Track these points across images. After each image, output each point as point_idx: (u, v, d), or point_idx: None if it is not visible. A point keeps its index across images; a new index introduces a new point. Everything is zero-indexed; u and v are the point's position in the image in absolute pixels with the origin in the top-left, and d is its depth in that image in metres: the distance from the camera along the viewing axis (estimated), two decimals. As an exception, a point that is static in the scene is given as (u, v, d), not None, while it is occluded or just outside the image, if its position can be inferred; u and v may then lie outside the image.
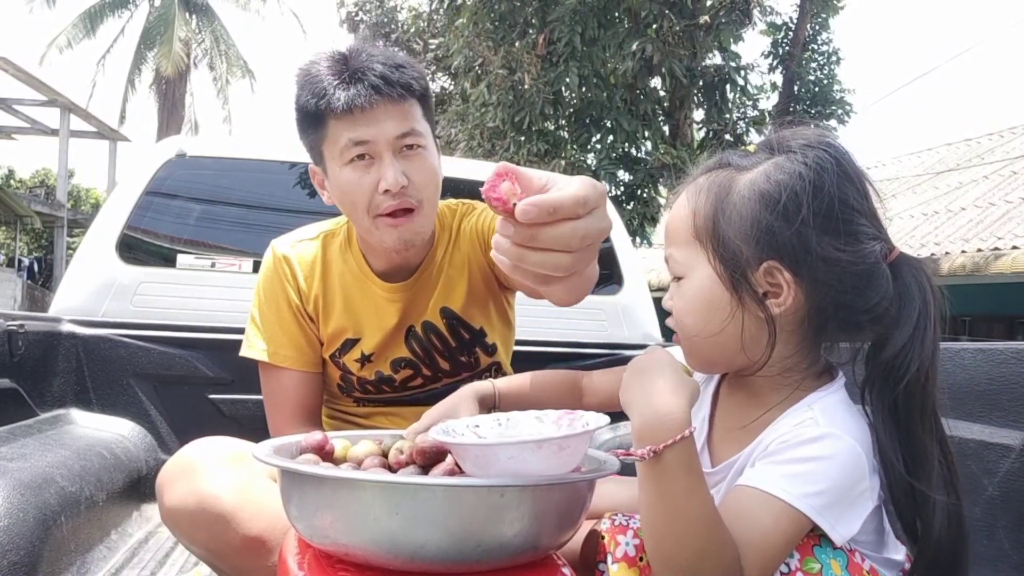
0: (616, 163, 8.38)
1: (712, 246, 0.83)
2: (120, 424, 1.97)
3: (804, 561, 0.77)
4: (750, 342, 0.83)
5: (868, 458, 0.78)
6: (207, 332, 2.11)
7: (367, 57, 1.23)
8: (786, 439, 0.79)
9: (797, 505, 0.75)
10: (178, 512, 1.11)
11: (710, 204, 0.83)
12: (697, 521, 0.72)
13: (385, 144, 1.21)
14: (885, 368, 0.80)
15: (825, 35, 9.71)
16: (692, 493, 0.73)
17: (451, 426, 0.92)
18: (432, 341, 1.41)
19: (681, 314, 0.87)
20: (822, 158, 0.80)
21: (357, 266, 1.38)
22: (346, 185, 1.23)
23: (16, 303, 15.38)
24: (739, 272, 0.81)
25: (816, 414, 0.80)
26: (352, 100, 1.18)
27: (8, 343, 1.70)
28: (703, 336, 0.85)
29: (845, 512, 0.76)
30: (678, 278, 0.88)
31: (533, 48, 8.17)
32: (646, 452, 0.73)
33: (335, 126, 1.22)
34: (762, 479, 0.77)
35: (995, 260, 6.99)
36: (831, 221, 0.79)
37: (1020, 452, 1.08)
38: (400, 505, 0.76)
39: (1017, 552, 1.07)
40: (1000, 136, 11.18)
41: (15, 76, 15.44)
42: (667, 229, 0.91)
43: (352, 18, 12.11)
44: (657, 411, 0.73)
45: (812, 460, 0.76)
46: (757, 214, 0.80)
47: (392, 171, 1.20)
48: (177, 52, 18.37)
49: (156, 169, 2.32)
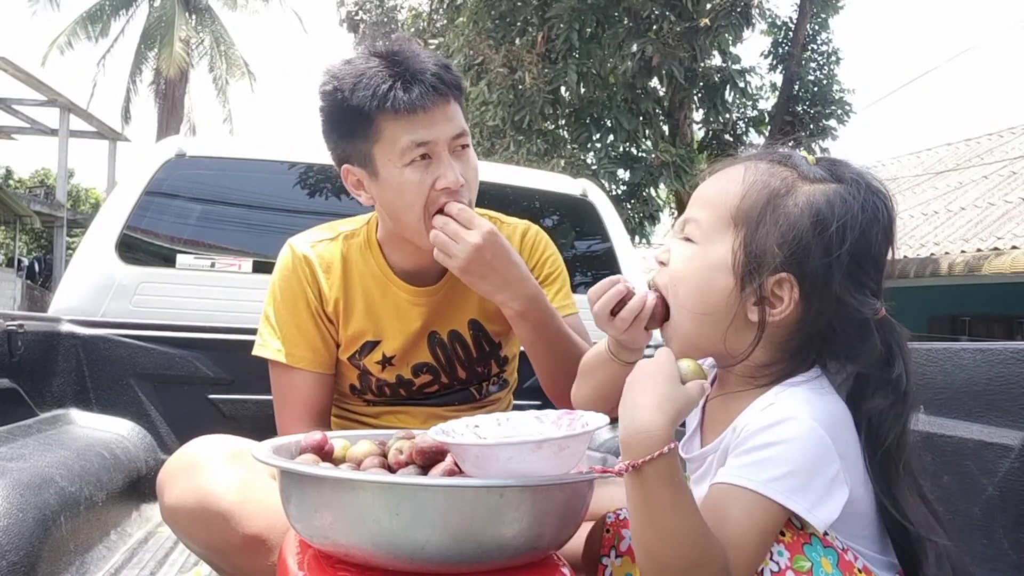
0: (616, 162, 8.38)
1: (745, 233, 0.83)
2: (120, 424, 1.97)
3: (794, 560, 0.77)
4: (733, 336, 0.84)
5: (838, 441, 0.78)
6: (207, 332, 2.11)
7: (420, 57, 1.23)
8: (748, 429, 0.80)
9: (763, 492, 0.75)
10: (178, 510, 1.11)
11: (764, 196, 0.83)
12: (684, 534, 0.72)
13: (443, 144, 1.23)
14: (865, 430, 0.83)
15: (825, 35, 9.71)
16: (676, 506, 0.73)
17: (451, 426, 0.92)
18: (456, 350, 1.41)
19: (679, 280, 0.87)
20: (879, 208, 0.83)
21: (378, 267, 1.37)
22: (407, 185, 1.23)
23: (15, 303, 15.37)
24: (757, 269, 0.82)
25: (776, 400, 0.82)
26: (416, 100, 1.19)
27: (8, 343, 1.70)
28: (689, 309, 0.86)
29: (819, 495, 0.76)
30: (688, 240, 0.88)
31: (533, 47, 8.17)
32: (624, 467, 0.73)
33: (392, 127, 1.21)
34: (729, 472, 0.78)
35: (994, 260, 6.99)
36: (858, 268, 0.82)
37: (1019, 452, 1.08)
38: (400, 505, 0.76)
39: (1016, 551, 1.07)
40: (999, 136, 11.18)
41: (15, 76, 15.44)
42: (705, 191, 0.90)
43: (352, 17, 12.10)
44: (637, 427, 0.74)
45: (771, 445, 0.77)
46: (804, 230, 0.81)
47: (452, 171, 1.23)
48: (178, 53, 18.35)
49: (156, 169, 2.32)
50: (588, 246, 2.84)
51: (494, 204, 1.59)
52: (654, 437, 0.73)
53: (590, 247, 2.83)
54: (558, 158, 8.03)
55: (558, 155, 8.19)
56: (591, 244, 2.81)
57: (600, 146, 8.71)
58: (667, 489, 0.73)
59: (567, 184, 2.80)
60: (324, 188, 2.56)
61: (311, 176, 2.55)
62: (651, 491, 0.73)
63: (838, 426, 0.80)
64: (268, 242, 1.46)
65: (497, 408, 1.50)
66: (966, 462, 1.15)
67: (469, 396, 1.46)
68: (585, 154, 8.69)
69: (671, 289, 0.88)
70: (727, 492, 0.77)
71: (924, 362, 1.27)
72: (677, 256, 0.88)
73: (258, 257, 2.32)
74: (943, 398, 1.22)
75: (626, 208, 8.27)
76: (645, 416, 0.74)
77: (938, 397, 1.23)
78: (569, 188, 2.76)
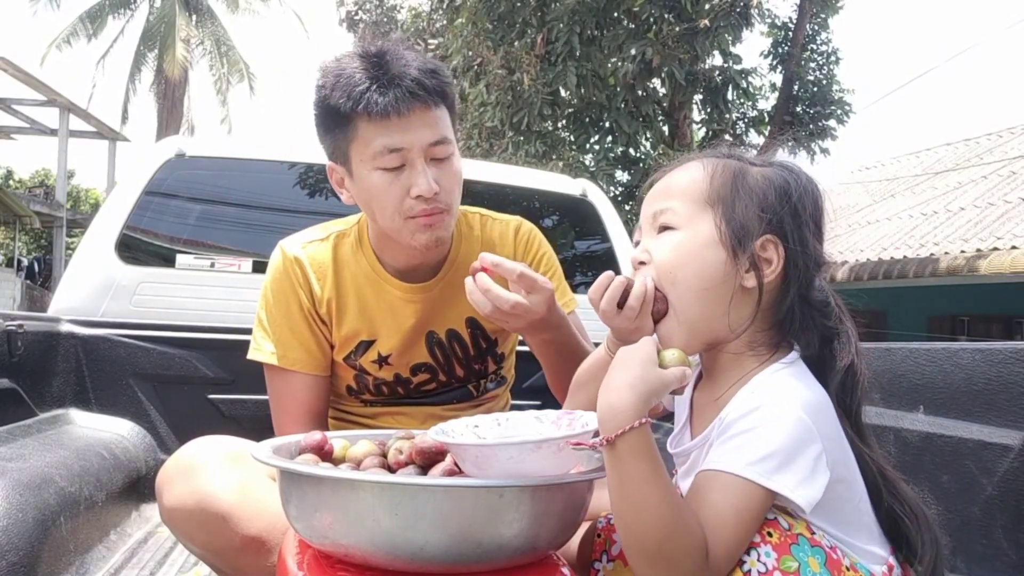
0: (614, 164, 8.38)
1: (723, 209, 0.89)
2: (119, 424, 1.97)
3: (781, 560, 0.77)
4: (734, 310, 0.89)
5: (820, 423, 0.81)
6: (206, 332, 2.11)
7: (403, 60, 1.21)
8: (730, 417, 0.83)
9: (742, 474, 0.77)
10: (177, 512, 1.11)
11: (729, 176, 0.91)
12: (658, 504, 0.75)
13: (418, 151, 1.21)
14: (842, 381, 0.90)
15: (824, 35, 9.71)
16: (648, 479, 0.76)
17: (450, 426, 0.92)
18: (455, 349, 1.41)
19: (674, 265, 0.90)
20: (813, 183, 0.96)
21: (370, 266, 1.37)
22: (375, 189, 1.23)
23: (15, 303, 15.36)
24: (745, 236, 0.88)
25: (757, 387, 0.85)
26: (389, 105, 1.17)
27: (7, 343, 1.70)
28: (692, 288, 0.89)
29: (802, 475, 0.78)
30: (666, 228, 0.92)
31: (532, 48, 8.17)
32: (598, 442, 0.78)
33: (367, 129, 1.20)
34: (710, 460, 0.81)
35: (994, 260, 6.99)
36: (818, 229, 0.93)
37: (1018, 452, 1.08)
38: (399, 505, 0.76)
39: (1015, 551, 1.08)
40: (999, 136, 11.19)
41: (14, 76, 15.43)
42: (669, 184, 0.95)
43: (351, 17, 12.11)
44: (611, 405, 0.78)
45: (750, 430, 0.80)
46: (772, 198, 0.90)
47: (424, 179, 1.20)
48: (180, 54, 18.36)
49: (155, 169, 2.32)
50: (588, 246, 2.84)
51: (493, 204, 1.60)
52: (625, 413, 0.77)
53: (590, 247, 2.83)
54: (556, 159, 8.04)
55: (557, 156, 8.19)
56: (591, 244, 2.82)
57: (598, 147, 8.71)
58: (639, 462, 0.76)
59: (567, 184, 2.81)
60: (323, 188, 2.56)
61: (310, 176, 2.55)
62: (624, 464, 0.77)
63: (818, 408, 0.82)
64: (268, 242, 1.45)
65: (495, 405, 1.50)
66: (965, 462, 1.15)
67: (467, 394, 1.46)
68: (584, 155, 8.70)
69: (666, 278, 0.90)
70: (707, 478, 0.80)
71: (924, 362, 1.27)
72: (663, 247, 0.91)
73: (258, 257, 2.32)
74: (943, 398, 1.22)
75: (624, 210, 8.28)
76: (618, 395, 0.78)
77: (937, 397, 1.23)
78: (569, 188, 2.77)
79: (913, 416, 1.27)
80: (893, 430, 1.25)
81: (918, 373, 1.27)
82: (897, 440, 1.24)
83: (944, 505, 1.19)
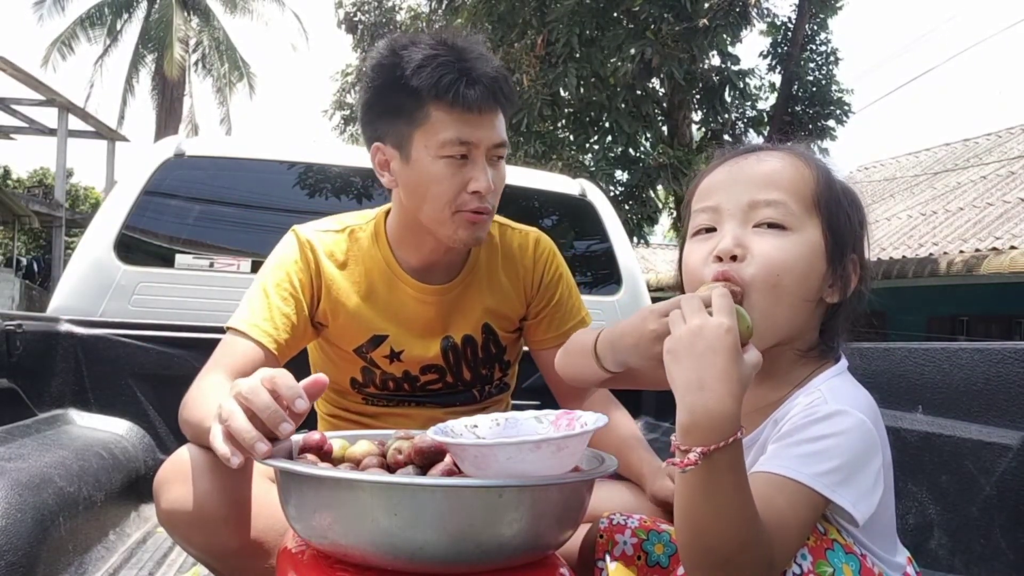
0: (613, 163, 8.38)
1: (828, 217, 0.86)
2: (118, 424, 1.96)
3: (816, 564, 0.77)
4: (811, 317, 0.87)
5: (879, 433, 0.80)
6: (205, 332, 2.10)
7: (485, 60, 1.24)
8: (797, 421, 0.80)
9: (811, 484, 0.75)
10: (175, 514, 1.10)
11: (828, 180, 0.88)
12: (742, 515, 0.71)
13: (484, 149, 1.24)
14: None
15: (824, 35, 9.72)
16: (739, 490, 0.71)
17: (449, 426, 0.92)
18: (467, 354, 1.42)
19: (783, 268, 0.83)
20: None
21: (385, 262, 1.37)
22: (436, 176, 1.24)
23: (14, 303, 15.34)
24: (843, 250, 0.86)
25: (824, 393, 0.82)
26: (474, 100, 1.20)
27: (6, 343, 1.70)
28: (795, 296, 0.84)
29: (864, 490, 0.77)
30: (776, 226, 0.84)
31: (532, 49, 8.17)
32: (697, 457, 0.69)
33: (441, 117, 1.22)
34: (776, 462, 0.78)
35: (993, 260, 7.00)
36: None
37: (1017, 452, 1.08)
38: (399, 505, 0.76)
39: (1013, 551, 1.08)
40: (998, 136, 11.20)
41: (13, 76, 15.41)
42: (771, 175, 0.86)
43: (350, 18, 12.09)
44: (709, 410, 0.69)
45: (824, 438, 0.77)
46: (853, 214, 0.88)
47: (485, 176, 1.24)
48: (178, 53, 18.35)
49: (154, 169, 2.32)
50: (587, 246, 2.84)
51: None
52: (729, 421, 0.69)
53: (589, 247, 2.83)
54: (556, 159, 8.04)
55: (556, 156, 8.19)
56: (590, 244, 2.82)
57: (598, 147, 8.71)
58: (733, 473, 0.70)
59: (566, 184, 2.80)
60: (323, 188, 2.56)
61: (310, 176, 2.55)
62: (720, 475, 0.70)
63: (877, 415, 0.82)
64: (267, 242, 1.45)
65: (496, 410, 1.50)
66: (964, 462, 1.15)
67: (471, 397, 1.46)
68: (583, 155, 8.70)
69: (769, 280, 0.82)
70: (772, 481, 0.76)
71: (923, 362, 1.27)
72: (769, 246, 0.83)
73: (257, 257, 2.32)
74: (942, 398, 1.22)
75: (624, 209, 8.28)
76: (717, 396, 0.69)
77: (937, 397, 1.23)
78: (568, 188, 2.76)
79: (912, 416, 1.27)
80: (892, 430, 1.25)
81: (917, 373, 1.27)
82: (896, 440, 1.24)
83: (943, 505, 1.19)
